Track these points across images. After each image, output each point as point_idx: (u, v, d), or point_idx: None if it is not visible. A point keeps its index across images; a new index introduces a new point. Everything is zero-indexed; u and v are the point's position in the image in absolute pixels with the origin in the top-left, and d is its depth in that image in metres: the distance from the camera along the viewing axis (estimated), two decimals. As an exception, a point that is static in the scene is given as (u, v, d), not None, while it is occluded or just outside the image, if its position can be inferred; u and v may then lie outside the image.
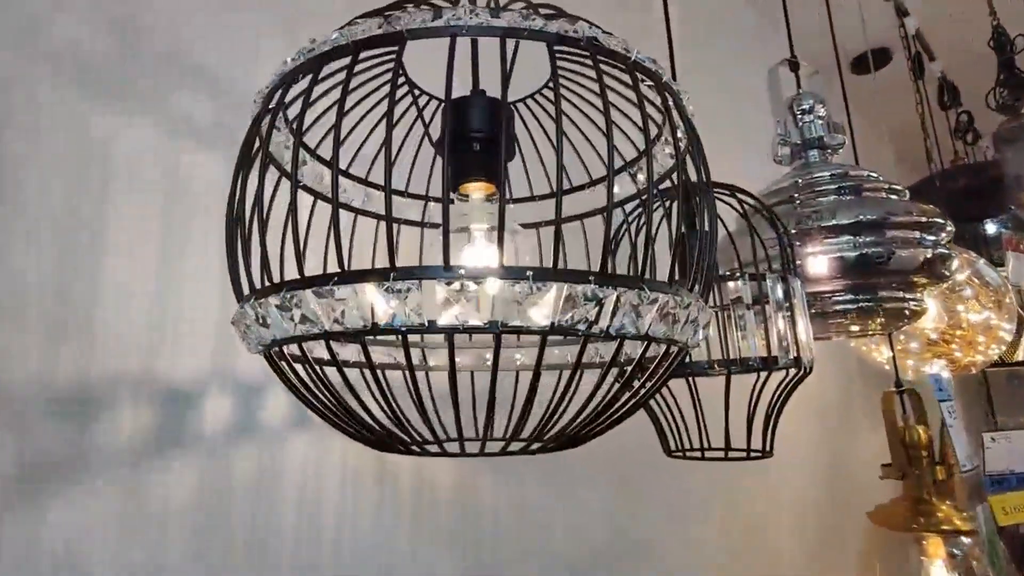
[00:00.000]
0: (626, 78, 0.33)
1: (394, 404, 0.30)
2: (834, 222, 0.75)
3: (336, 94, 0.38)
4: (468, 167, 0.40)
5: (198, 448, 0.54)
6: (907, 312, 0.80)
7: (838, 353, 1.71)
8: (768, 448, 0.56)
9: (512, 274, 0.24)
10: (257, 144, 0.31)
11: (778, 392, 0.56)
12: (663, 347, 0.34)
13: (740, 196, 0.56)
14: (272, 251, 0.30)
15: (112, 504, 0.50)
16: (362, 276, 0.24)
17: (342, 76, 0.33)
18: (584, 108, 0.45)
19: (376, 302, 0.24)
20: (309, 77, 0.29)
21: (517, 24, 0.27)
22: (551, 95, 0.47)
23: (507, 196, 0.50)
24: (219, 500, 0.55)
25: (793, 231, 0.77)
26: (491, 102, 0.40)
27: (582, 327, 0.25)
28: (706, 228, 0.34)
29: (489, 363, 0.50)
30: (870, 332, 0.94)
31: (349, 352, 0.46)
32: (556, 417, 0.32)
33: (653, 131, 0.40)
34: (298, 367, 0.31)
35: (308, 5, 0.74)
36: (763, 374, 0.57)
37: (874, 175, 0.80)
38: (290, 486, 0.59)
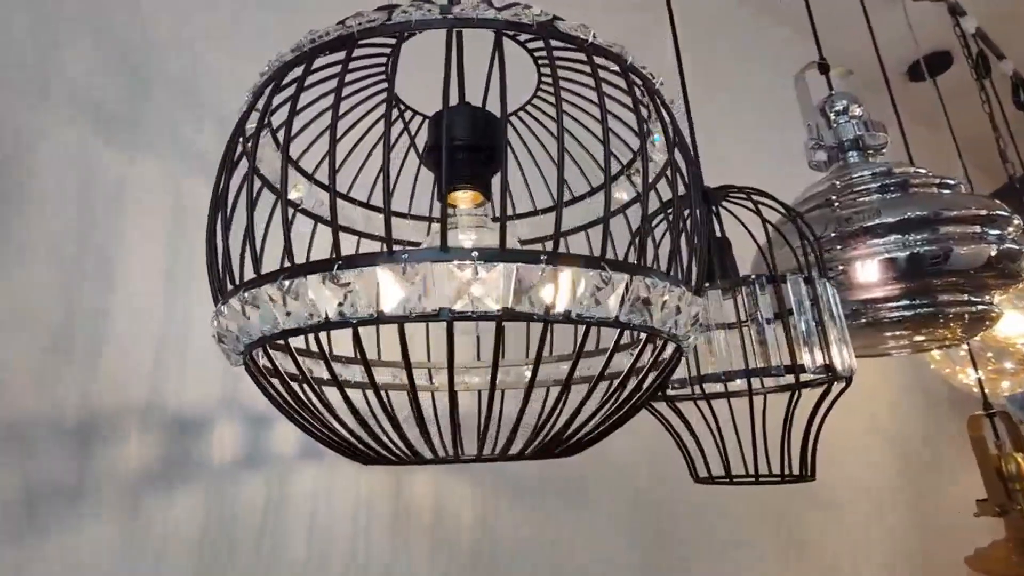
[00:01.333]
0: (621, 83, 0.33)
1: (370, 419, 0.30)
2: (878, 221, 0.71)
3: (323, 104, 0.40)
4: (454, 176, 0.40)
5: (204, 477, 0.56)
6: (977, 317, 0.73)
7: (920, 378, 1.58)
8: (807, 472, 0.51)
9: (457, 256, 0.24)
10: (239, 157, 0.33)
11: (816, 407, 0.52)
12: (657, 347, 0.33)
13: (756, 199, 0.54)
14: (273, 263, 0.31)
15: (115, 531, 0.51)
16: (308, 269, 0.24)
17: (327, 86, 0.35)
18: (581, 116, 0.45)
19: (325, 296, 0.25)
20: (293, 83, 0.31)
21: (465, 15, 0.28)
22: (543, 106, 0.48)
23: (497, 201, 0.51)
24: (224, 531, 0.56)
25: (832, 235, 0.73)
26: (474, 112, 0.40)
27: (539, 311, 0.25)
28: (691, 219, 0.33)
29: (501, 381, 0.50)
30: (945, 343, 0.86)
31: (351, 371, 0.46)
32: (540, 425, 0.30)
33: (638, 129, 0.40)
34: (282, 379, 0.32)
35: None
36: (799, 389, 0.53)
37: (922, 170, 0.76)
38: (299, 517, 0.60)
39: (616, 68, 0.32)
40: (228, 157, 0.31)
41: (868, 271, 0.71)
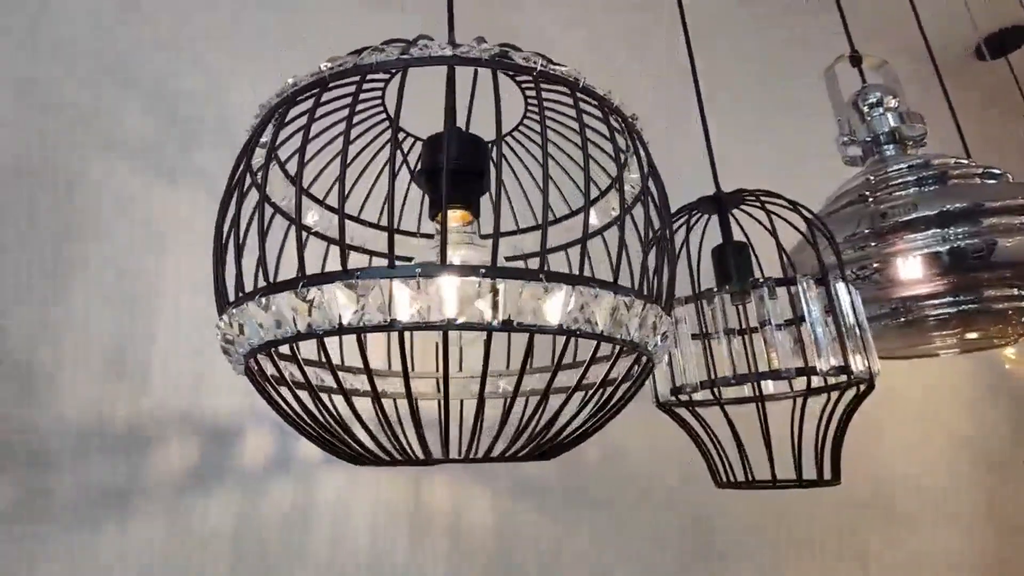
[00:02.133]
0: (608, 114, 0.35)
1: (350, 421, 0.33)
2: (915, 215, 0.68)
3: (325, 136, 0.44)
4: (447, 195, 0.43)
5: (236, 480, 0.62)
6: (1032, 312, 0.68)
7: (1004, 377, 1.46)
8: (829, 476, 0.50)
9: (402, 272, 0.26)
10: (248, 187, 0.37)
11: (834, 410, 0.51)
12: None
13: (765, 200, 0.54)
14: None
15: (159, 529, 0.58)
16: (280, 287, 0.28)
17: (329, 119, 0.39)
18: (563, 142, 0.47)
19: (295, 311, 0.28)
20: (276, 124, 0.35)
21: (421, 55, 0.30)
22: (528, 132, 0.51)
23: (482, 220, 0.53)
24: (255, 530, 0.61)
25: (866, 231, 0.71)
26: (462, 136, 0.43)
27: (481, 321, 0.27)
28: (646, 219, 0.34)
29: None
30: (1003, 341, 0.80)
31: (360, 379, 0.50)
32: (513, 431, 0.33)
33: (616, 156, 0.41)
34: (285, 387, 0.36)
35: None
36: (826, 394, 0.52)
37: (964, 161, 0.72)
38: (323, 519, 0.65)
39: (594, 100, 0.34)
40: (230, 186, 0.35)
41: (905, 268, 0.68)
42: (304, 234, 0.48)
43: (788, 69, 1.32)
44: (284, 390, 0.36)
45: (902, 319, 0.71)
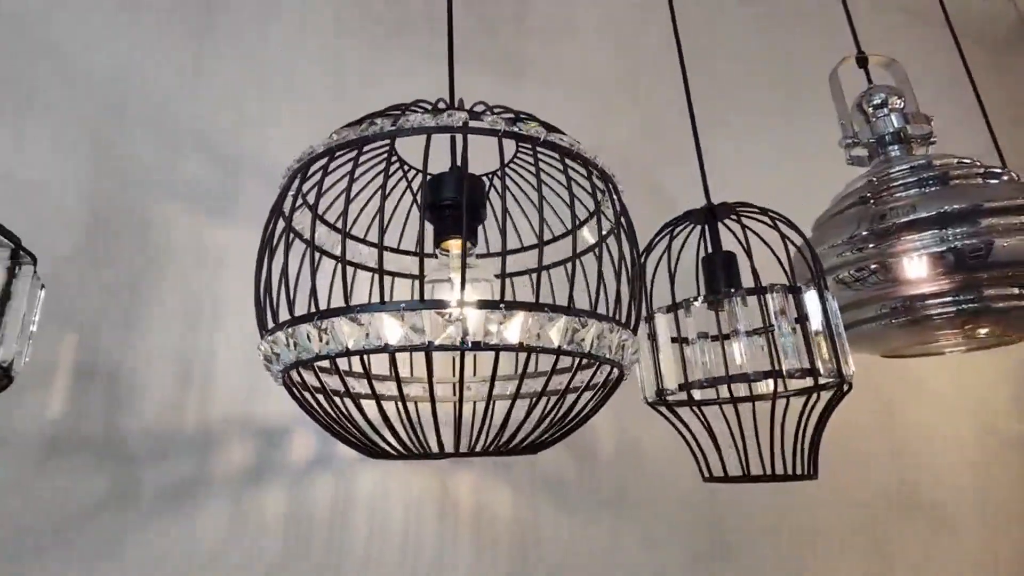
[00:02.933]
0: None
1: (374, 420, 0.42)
2: (913, 217, 0.71)
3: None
4: (446, 227, 0.51)
5: (286, 475, 0.73)
6: (1035, 311, 0.70)
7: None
8: (805, 471, 0.55)
9: (390, 308, 0.34)
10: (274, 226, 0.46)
11: (806, 409, 0.56)
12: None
13: (742, 212, 0.59)
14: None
15: (222, 516, 0.70)
16: (301, 320, 0.36)
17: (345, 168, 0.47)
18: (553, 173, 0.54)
19: (313, 338, 0.36)
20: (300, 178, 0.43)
21: (407, 126, 0.38)
22: (521, 162, 0.58)
23: (472, 249, 0.60)
24: (303, 519, 0.73)
25: (865, 233, 0.74)
26: (460, 176, 0.51)
27: (456, 343, 0.34)
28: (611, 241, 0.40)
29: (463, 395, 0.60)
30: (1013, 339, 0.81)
31: (385, 386, 0.59)
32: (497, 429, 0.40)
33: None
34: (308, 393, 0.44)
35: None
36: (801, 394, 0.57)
37: (967, 160, 0.74)
38: (361, 510, 0.75)
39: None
40: (264, 235, 0.44)
41: (904, 268, 0.71)
42: (322, 268, 0.57)
43: (791, 68, 1.33)
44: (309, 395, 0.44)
45: (903, 319, 0.73)
